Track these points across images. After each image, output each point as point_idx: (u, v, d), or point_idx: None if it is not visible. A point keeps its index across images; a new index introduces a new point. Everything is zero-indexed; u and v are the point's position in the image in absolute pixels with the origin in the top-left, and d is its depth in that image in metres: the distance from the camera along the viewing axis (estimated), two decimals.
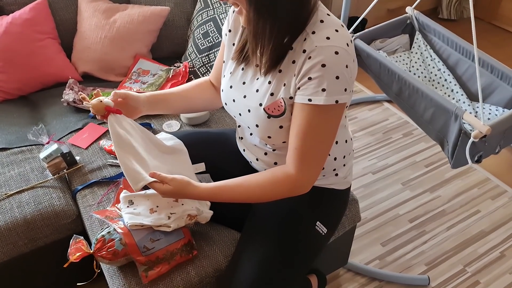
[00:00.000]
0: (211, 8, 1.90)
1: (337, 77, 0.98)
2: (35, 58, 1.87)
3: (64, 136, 1.70)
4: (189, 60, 1.92)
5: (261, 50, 1.06)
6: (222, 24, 1.85)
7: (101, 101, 1.16)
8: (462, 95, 1.92)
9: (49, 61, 1.90)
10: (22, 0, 1.93)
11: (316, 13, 1.03)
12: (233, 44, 1.21)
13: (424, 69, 2.06)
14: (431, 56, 2.04)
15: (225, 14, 1.85)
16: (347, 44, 1.00)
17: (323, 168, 1.23)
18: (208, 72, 1.87)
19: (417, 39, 2.10)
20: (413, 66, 2.07)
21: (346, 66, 0.99)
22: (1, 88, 1.86)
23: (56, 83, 1.94)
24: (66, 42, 2.00)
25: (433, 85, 2.02)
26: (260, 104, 1.11)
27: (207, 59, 1.87)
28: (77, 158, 1.59)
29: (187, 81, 1.86)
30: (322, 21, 1.02)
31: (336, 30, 1.01)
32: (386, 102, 2.69)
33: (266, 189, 1.11)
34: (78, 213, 1.49)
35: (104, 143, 1.63)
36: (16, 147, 1.65)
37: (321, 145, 1.07)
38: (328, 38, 0.99)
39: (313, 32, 1.00)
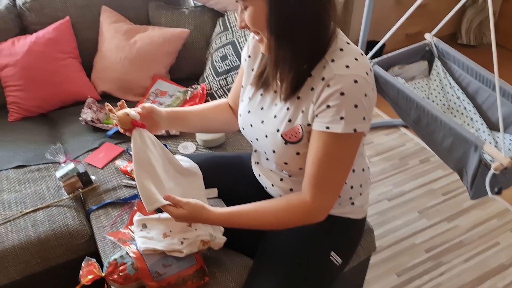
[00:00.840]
0: (230, 31, 1.92)
1: (356, 106, 0.98)
2: (56, 77, 1.90)
3: (80, 155, 1.72)
4: (207, 82, 1.93)
5: (281, 77, 1.06)
6: (241, 48, 1.86)
7: (127, 114, 1.14)
8: (482, 124, 1.88)
9: (70, 80, 1.93)
10: (46, 20, 1.97)
11: (335, 41, 1.03)
12: (252, 70, 1.21)
13: (443, 96, 2.03)
14: (450, 83, 2.02)
15: (243, 38, 1.87)
16: (367, 72, 1.00)
17: (339, 197, 1.21)
18: (225, 95, 1.88)
19: (436, 66, 2.08)
20: (431, 93, 2.05)
21: (365, 95, 0.99)
22: (22, 105, 1.89)
23: (75, 101, 1.97)
24: (87, 61, 2.04)
25: (452, 113, 2.00)
26: (278, 130, 1.10)
27: (225, 81, 1.88)
28: (93, 177, 1.60)
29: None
30: (341, 49, 1.02)
31: (356, 59, 1.00)
32: (403, 127, 2.66)
33: (280, 216, 1.09)
34: (91, 233, 1.49)
35: (119, 163, 1.64)
36: (34, 165, 1.67)
37: (338, 173, 1.05)
38: (347, 66, 0.98)
39: (333, 60, 1.00)
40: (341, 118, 0.98)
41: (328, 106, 0.99)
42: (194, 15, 2.07)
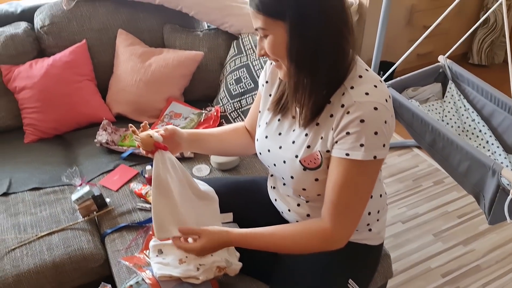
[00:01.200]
0: (244, 54, 1.93)
1: (376, 133, 0.98)
2: (72, 99, 1.92)
3: (95, 177, 1.72)
4: (221, 104, 1.94)
5: (300, 103, 1.06)
6: (255, 71, 1.87)
7: (150, 136, 1.14)
8: (498, 147, 1.87)
9: (85, 102, 1.95)
10: (63, 43, 2.00)
11: (354, 67, 1.03)
12: (270, 95, 1.21)
13: (458, 119, 2.02)
14: (464, 106, 2.01)
15: (257, 61, 1.88)
16: (386, 99, 1.00)
17: None
18: (239, 117, 1.88)
19: (450, 88, 2.07)
20: (446, 116, 2.04)
21: (385, 122, 0.99)
22: (38, 127, 1.91)
23: (90, 123, 1.98)
24: (102, 83, 2.06)
25: (467, 135, 1.98)
26: (296, 156, 1.10)
27: (239, 104, 1.88)
28: (107, 200, 1.60)
29: (218, 126, 1.87)
30: (360, 76, 1.02)
31: (375, 86, 1.00)
32: (415, 148, 2.64)
33: (299, 241, 1.09)
34: (106, 257, 1.49)
35: (134, 186, 1.64)
36: (49, 187, 1.67)
37: (358, 200, 1.05)
38: (367, 93, 0.99)
39: (352, 87, 1.00)
40: (361, 145, 0.98)
41: (348, 133, 0.99)
42: (208, 37, 2.09)
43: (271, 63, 1.22)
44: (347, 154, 1.00)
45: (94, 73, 2.03)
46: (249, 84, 1.87)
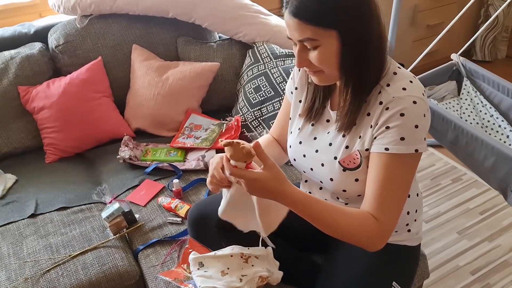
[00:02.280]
0: (262, 63, 1.94)
1: (416, 126, 0.99)
2: (91, 116, 1.92)
3: (121, 194, 1.71)
4: (241, 114, 1.94)
5: (342, 107, 1.07)
6: (274, 78, 1.88)
7: (243, 147, 0.96)
8: None
9: (104, 118, 1.95)
10: (78, 61, 2.00)
11: (388, 66, 1.04)
12: (300, 101, 1.22)
13: (476, 115, 2.03)
14: (481, 102, 2.02)
15: (276, 68, 1.88)
16: (423, 93, 1.02)
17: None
18: (260, 126, 1.88)
19: (465, 85, 2.09)
20: (463, 113, 2.05)
21: (424, 115, 1.00)
22: (58, 146, 1.90)
23: (110, 139, 1.98)
24: (119, 99, 2.06)
25: (486, 131, 1.99)
26: (335, 158, 1.10)
27: (259, 112, 1.88)
28: (137, 216, 1.59)
29: (239, 135, 1.87)
30: (395, 73, 1.04)
31: (411, 81, 1.02)
32: (430, 147, 2.65)
33: (352, 222, 1.01)
34: (141, 273, 1.48)
35: (162, 200, 1.64)
36: (76, 206, 1.66)
37: (399, 194, 1.03)
38: (404, 89, 1.00)
39: (388, 85, 1.02)
40: (402, 138, 0.98)
41: (387, 128, 1.00)
42: (222, 48, 2.10)
43: (299, 70, 1.22)
44: (387, 149, 1.00)
45: (111, 90, 2.03)
46: (269, 92, 1.87)
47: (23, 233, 1.56)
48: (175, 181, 1.65)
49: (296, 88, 1.23)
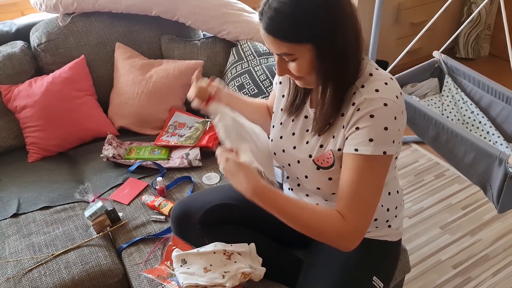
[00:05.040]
0: (245, 60, 1.95)
1: (386, 128, 0.99)
2: (74, 115, 1.91)
3: (105, 192, 1.71)
4: None
5: (319, 108, 1.08)
6: (257, 76, 1.88)
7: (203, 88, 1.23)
8: (498, 137, 1.91)
9: (87, 117, 1.94)
10: (61, 59, 1.99)
11: (365, 67, 1.05)
12: (283, 96, 1.23)
13: (457, 112, 2.06)
14: (463, 99, 2.05)
15: (259, 66, 1.89)
16: (397, 96, 1.02)
17: (376, 219, 1.21)
18: None
19: (447, 82, 2.12)
20: (445, 110, 2.08)
21: (395, 118, 1.00)
22: (41, 145, 1.89)
23: (94, 138, 1.97)
24: (102, 98, 2.05)
25: (467, 127, 2.02)
26: (310, 156, 1.12)
27: None
28: (120, 214, 1.59)
29: None
30: (371, 75, 1.04)
31: (386, 83, 1.02)
32: (414, 143, 2.68)
33: (318, 217, 1.03)
34: (124, 272, 1.48)
35: (146, 198, 1.64)
36: (59, 205, 1.66)
37: (369, 195, 1.03)
38: (377, 90, 1.00)
39: (362, 86, 1.02)
40: (370, 140, 0.99)
41: (357, 128, 1.01)
42: (206, 46, 2.10)
43: None
44: (356, 150, 1.01)
45: (94, 88, 2.02)
46: (252, 89, 1.88)
47: (5, 232, 1.55)
48: (159, 179, 1.65)
49: (280, 82, 1.25)
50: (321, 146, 1.10)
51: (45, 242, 1.50)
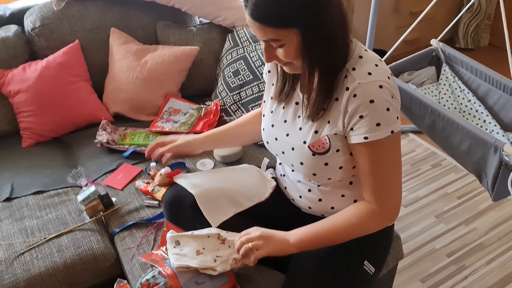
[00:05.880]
0: (241, 47, 1.93)
1: (388, 109, 0.99)
2: (68, 100, 1.90)
3: (98, 177, 1.70)
4: (220, 98, 1.94)
5: (309, 93, 1.07)
6: (253, 62, 1.87)
7: (161, 175, 1.39)
8: (495, 125, 1.90)
9: (82, 102, 1.93)
10: (55, 44, 1.97)
11: (354, 49, 1.04)
12: (272, 84, 1.22)
13: (454, 100, 2.05)
14: (460, 87, 2.04)
15: (255, 52, 1.88)
16: (388, 77, 1.02)
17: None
18: (239, 110, 1.88)
19: (444, 70, 2.10)
20: (442, 98, 2.07)
21: (392, 97, 1.01)
22: (35, 130, 1.88)
23: (88, 124, 1.96)
24: (97, 83, 2.03)
25: (464, 116, 2.01)
26: (304, 142, 1.11)
27: (238, 97, 1.88)
28: (113, 199, 1.59)
29: (218, 119, 1.87)
30: (360, 57, 1.03)
31: (376, 65, 1.02)
32: (411, 133, 2.67)
33: (356, 229, 1.12)
34: (116, 256, 1.47)
35: (139, 184, 1.63)
36: (52, 190, 1.65)
37: (392, 174, 1.07)
38: (369, 73, 1.00)
39: (354, 69, 1.02)
40: (378, 124, 0.99)
41: (361, 117, 1.00)
42: (202, 32, 2.08)
43: None
44: (366, 138, 1.01)
45: (88, 73, 2.00)
46: (247, 76, 1.87)
47: None
48: (152, 164, 1.65)
49: (269, 71, 1.24)
50: (316, 132, 1.09)
51: (37, 226, 1.50)
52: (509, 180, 1.53)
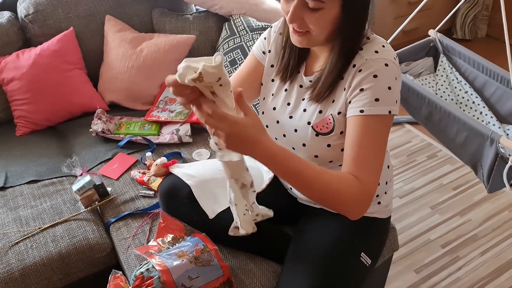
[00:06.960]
0: (238, 36, 1.91)
1: (389, 88, 0.99)
2: (62, 89, 1.88)
3: (94, 167, 1.69)
4: None
5: (323, 72, 1.06)
6: (250, 52, 1.85)
7: (156, 165, 1.42)
8: (491, 117, 1.90)
9: (77, 91, 1.91)
10: (49, 31, 1.94)
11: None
12: (272, 66, 1.20)
13: (451, 91, 2.04)
14: (457, 78, 2.03)
15: (252, 41, 1.86)
16: (394, 58, 1.03)
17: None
18: None
19: (441, 61, 2.09)
20: (439, 89, 2.06)
21: (396, 78, 1.01)
22: (30, 119, 1.86)
23: (83, 112, 1.94)
24: (92, 71, 2.01)
25: (460, 107, 2.01)
26: (309, 123, 1.10)
27: None
28: (109, 189, 1.58)
29: None
30: (368, 38, 1.05)
31: (383, 46, 1.03)
32: (407, 124, 2.67)
33: (334, 180, 0.96)
34: (112, 246, 1.47)
35: (135, 173, 1.62)
36: (47, 179, 1.64)
37: (376, 154, 1.00)
38: (376, 51, 1.01)
39: (361, 49, 1.03)
40: (376, 99, 0.99)
41: (361, 90, 1.00)
42: (199, 20, 2.06)
43: (275, 32, 1.19)
44: (362, 111, 0.99)
45: (83, 61, 1.98)
46: None
47: None
48: (148, 154, 1.64)
49: (269, 51, 1.20)
50: (320, 112, 1.08)
51: (32, 216, 1.49)
52: (505, 172, 1.53)
